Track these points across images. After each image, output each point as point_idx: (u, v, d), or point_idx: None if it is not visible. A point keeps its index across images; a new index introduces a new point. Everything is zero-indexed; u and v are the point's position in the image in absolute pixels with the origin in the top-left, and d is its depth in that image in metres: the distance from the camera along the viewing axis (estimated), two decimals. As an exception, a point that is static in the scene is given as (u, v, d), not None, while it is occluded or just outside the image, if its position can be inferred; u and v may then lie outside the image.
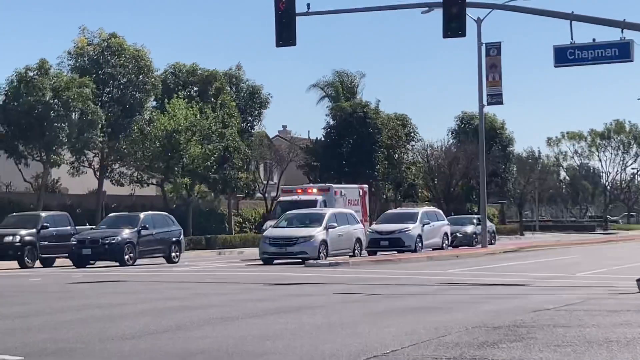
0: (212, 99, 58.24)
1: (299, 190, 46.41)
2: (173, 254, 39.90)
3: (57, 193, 54.26)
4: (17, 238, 37.70)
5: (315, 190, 45.66)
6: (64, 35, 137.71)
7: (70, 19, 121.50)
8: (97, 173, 53.75)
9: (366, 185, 51.84)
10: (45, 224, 38.95)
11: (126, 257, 37.41)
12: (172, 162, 52.85)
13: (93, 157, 53.34)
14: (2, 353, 11.63)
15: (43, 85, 47.10)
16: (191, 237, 52.31)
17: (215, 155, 54.45)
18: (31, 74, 47.97)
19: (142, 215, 40.03)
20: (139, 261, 38.31)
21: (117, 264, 37.15)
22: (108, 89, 52.65)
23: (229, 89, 61.22)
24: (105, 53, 52.13)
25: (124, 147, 52.99)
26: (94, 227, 41.84)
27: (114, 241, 37.25)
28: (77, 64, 52.05)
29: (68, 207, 48.21)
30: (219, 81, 59.96)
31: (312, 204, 43.29)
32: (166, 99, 54.72)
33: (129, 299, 19.91)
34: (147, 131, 53.38)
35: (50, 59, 50.02)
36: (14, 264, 37.79)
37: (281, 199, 46.63)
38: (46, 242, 38.61)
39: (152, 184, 57.99)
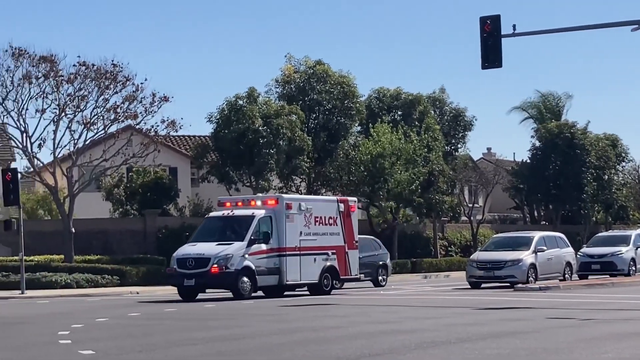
0: (416, 123, 58.28)
1: (238, 203, 33.56)
2: (380, 278, 40.70)
3: (266, 217, 55.45)
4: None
5: (258, 203, 32.94)
6: (271, 64, 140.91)
7: (277, 47, 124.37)
8: (304, 198, 54.68)
9: (353, 199, 37.96)
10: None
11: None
12: (377, 187, 53.16)
13: (300, 182, 54.34)
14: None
15: (252, 113, 48.35)
16: (397, 261, 52.49)
17: (419, 179, 54.46)
18: (241, 102, 49.30)
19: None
20: (346, 284, 38.72)
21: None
22: (314, 115, 53.58)
23: (432, 112, 61.14)
24: (311, 80, 53.06)
25: (330, 171, 53.78)
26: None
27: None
28: (285, 92, 53.24)
29: (276, 232, 49.22)
30: (423, 105, 59.96)
31: (246, 220, 31.75)
32: (371, 124, 55.17)
33: (341, 322, 20.14)
34: (352, 156, 53.96)
35: (259, 87, 51.40)
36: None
37: (210, 214, 35.68)
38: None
39: (358, 208, 58.45)
